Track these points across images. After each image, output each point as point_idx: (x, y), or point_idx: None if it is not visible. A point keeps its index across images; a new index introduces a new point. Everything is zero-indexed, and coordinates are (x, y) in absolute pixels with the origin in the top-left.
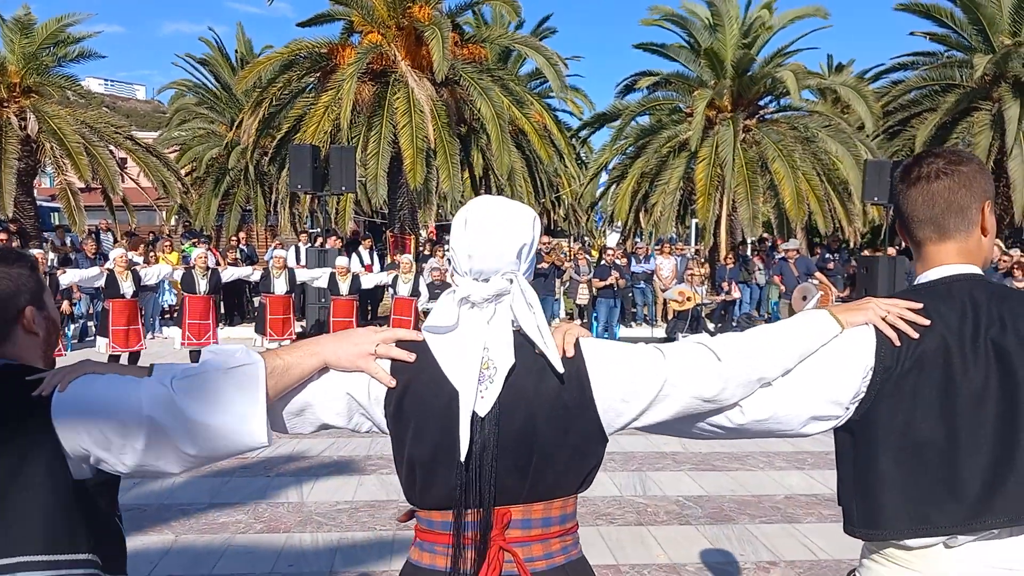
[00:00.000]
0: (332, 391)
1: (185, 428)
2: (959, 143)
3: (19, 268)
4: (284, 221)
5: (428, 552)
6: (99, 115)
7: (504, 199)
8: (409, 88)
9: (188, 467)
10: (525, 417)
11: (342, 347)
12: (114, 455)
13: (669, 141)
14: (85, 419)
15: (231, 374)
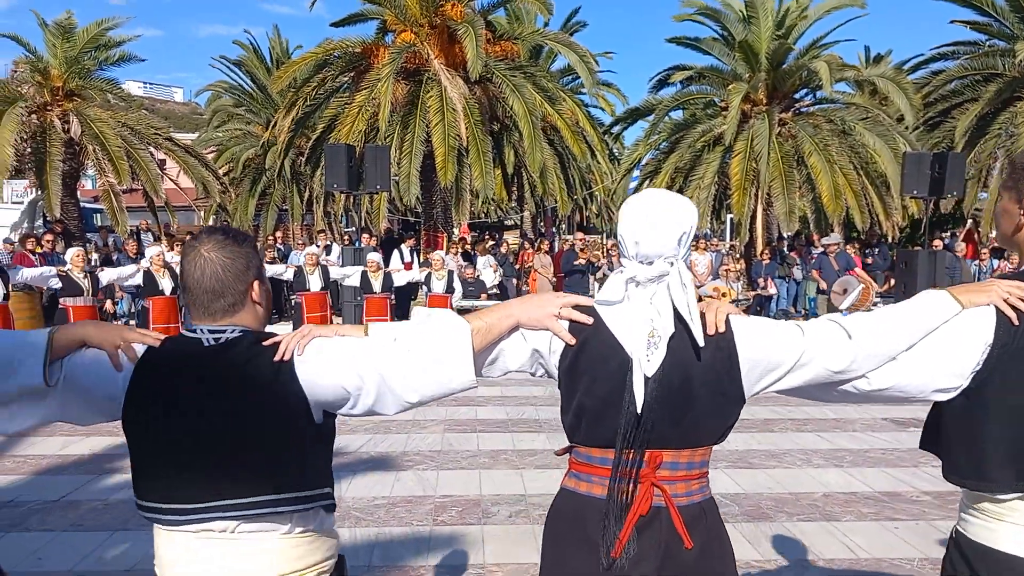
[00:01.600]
0: (520, 344)
1: (408, 379)
2: (1001, 134)
3: (247, 247)
4: (319, 220)
5: (585, 482)
6: (139, 117)
7: (667, 192)
8: (442, 86)
9: (404, 409)
10: (683, 379)
11: (531, 310)
12: (348, 404)
13: (703, 136)
14: (324, 377)
15: (446, 335)
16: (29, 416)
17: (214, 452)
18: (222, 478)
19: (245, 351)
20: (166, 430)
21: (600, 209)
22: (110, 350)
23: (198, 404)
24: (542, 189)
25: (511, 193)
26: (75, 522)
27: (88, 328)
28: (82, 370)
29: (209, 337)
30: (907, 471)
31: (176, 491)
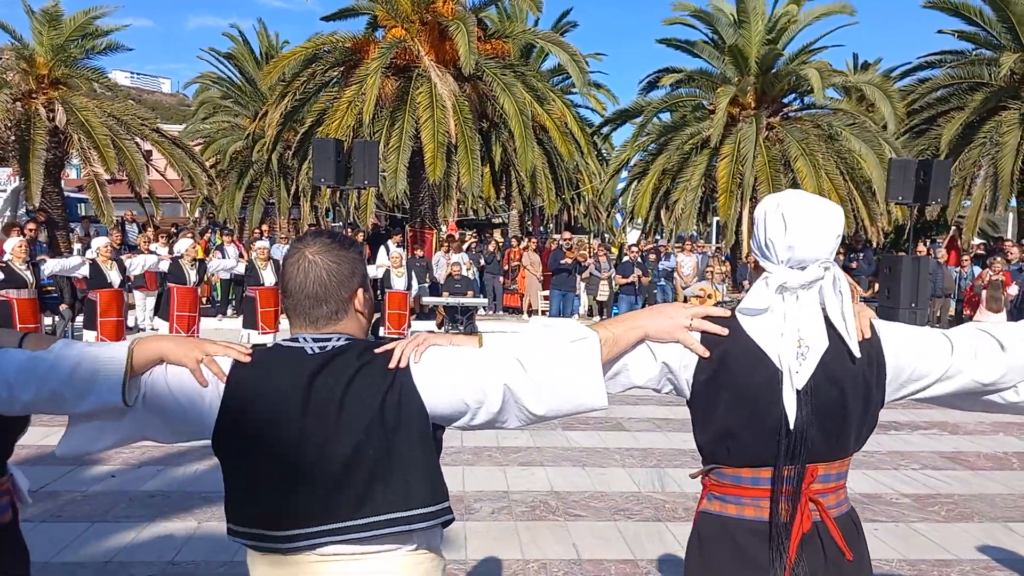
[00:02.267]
0: (647, 359)
1: (536, 392)
2: (986, 143)
3: (353, 252)
4: (305, 214)
5: (733, 504)
6: (126, 107)
7: (812, 195)
8: (432, 83)
9: (528, 423)
10: (836, 391)
11: (660, 321)
12: (469, 415)
13: (692, 138)
14: (444, 386)
15: (575, 346)
16: (111, 434)
17: (329, 472)
18: (340, 497)
19: (356, 359)
20: (270, 449)
21: (588, 209)
22: (191, 366)
23: (306, 419)
24: (530, 188)
25: (499, 191)
26: (54, 513)
27: (165, 343)
28: (164, 388)
29: (313, 346)
30: (887, 474)
31: (285, 515)
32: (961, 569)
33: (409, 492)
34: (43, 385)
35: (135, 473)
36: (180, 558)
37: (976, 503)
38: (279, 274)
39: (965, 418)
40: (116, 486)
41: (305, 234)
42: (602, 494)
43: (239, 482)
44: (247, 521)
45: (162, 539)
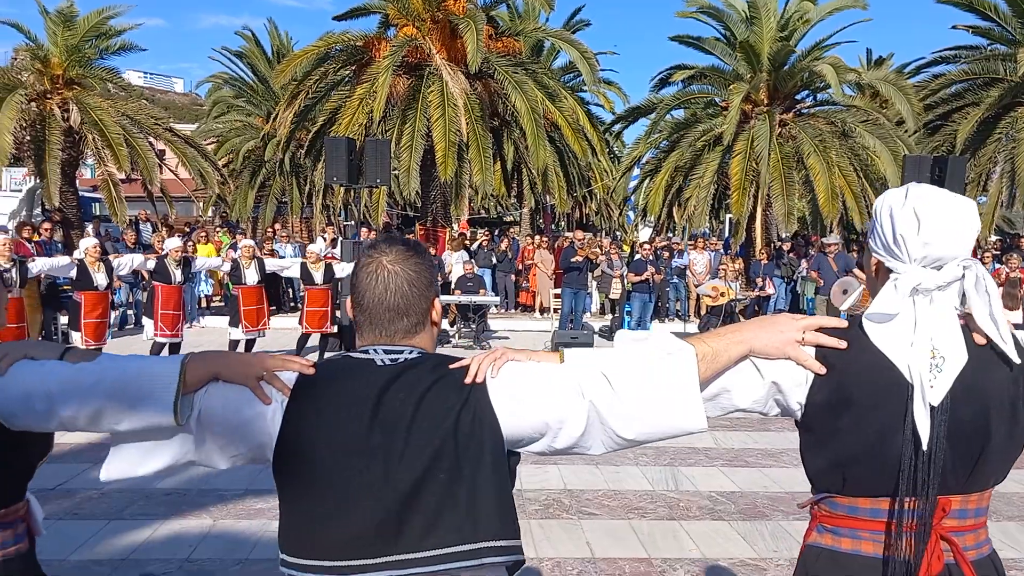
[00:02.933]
0: (753, 378)
1: (625, 413)
2: (1002, 139)
3: (428, 259)
4: (318, 213)
5: (848, 538)
6: (139, 107)
7: (941, 189)
8: (443, 81)
9: (615, 449)
10: (976, 408)
11: (768, 335)
12: (548, 437)
13: (704, 135)
14: (523, 404)
15: (668, 361)
16: (158, 457)
17: (395, 494)
18: (406, 526)
19: (429, 373)
20: (334, 471)
21: (599, 207)
22: (250, 384)
23: (373, 436)
24: (542, 186)
25: (510, 189)
26: (70, 511)
27: (221, 359)
28: (220, 407)
29: (384, 358)
30: None
31: (346, 544)
32: None
33: (478, 522)
34: (87, 400)
35: None
36: (196, 556)
37: (994, 502)
38: (350, 284)
39: None
40: (132, 484)
41: (376, 241)
42: (616, 493)
43: (299, 508)
44: (305, 551)
45: (178, 537)
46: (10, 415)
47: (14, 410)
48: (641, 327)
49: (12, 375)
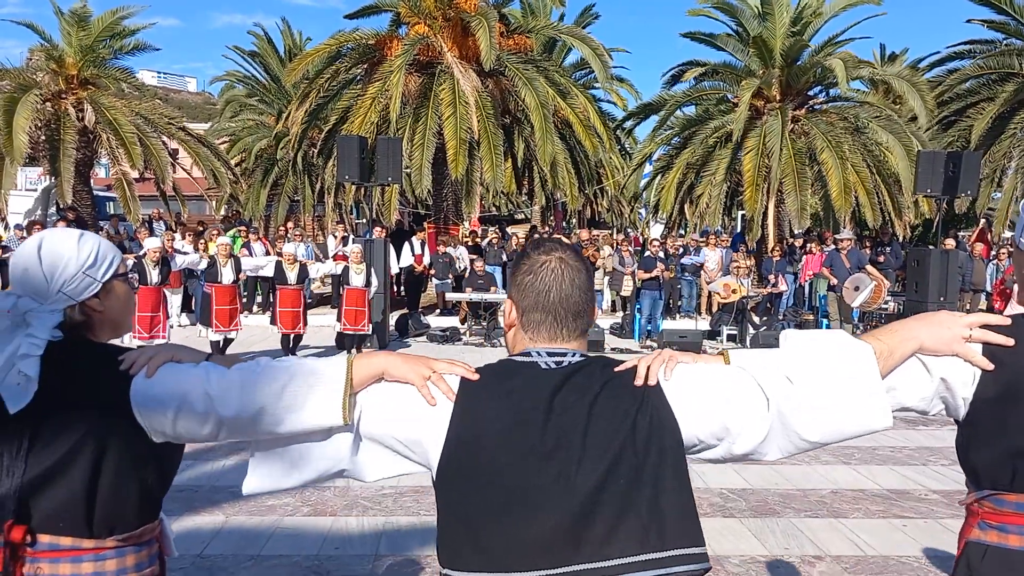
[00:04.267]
0: (921, 375)
1: (810, 416)
2: (1016, 134)
3: (585, 259)
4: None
5: (1016, 535)
6: (153, 106)
7: None
8: (455, 79)
9: (792, 453)
10: None
11: (936, 332)
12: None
13: (716, 131)
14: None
15: (849, 360)
16: (309, 466)
17: (574, 500)
18: (586, 534)
19: (598, 376)
20: (505, 478)
21: (611, 204)
22: (418, 383)
23: (546, 442)
24: (552, 183)
25: (521, 187)
26: None
27: (389, 358)
28: (383, 408)
29: (548, 360)
30: (916, 469)
31: (520, 556)
32: None
33: (664, 530)
34: (249, 400)
35: None
36: (208, 552)
37: None
38: (516, 284)
39: None
40: None
41: (540, 240)
42: None
43: (464, 518)
44: (478, 563)
45: (190, 533)
46: (158, 421)
47: (165, 413)
48: (652, 324)
49: (163, 377)
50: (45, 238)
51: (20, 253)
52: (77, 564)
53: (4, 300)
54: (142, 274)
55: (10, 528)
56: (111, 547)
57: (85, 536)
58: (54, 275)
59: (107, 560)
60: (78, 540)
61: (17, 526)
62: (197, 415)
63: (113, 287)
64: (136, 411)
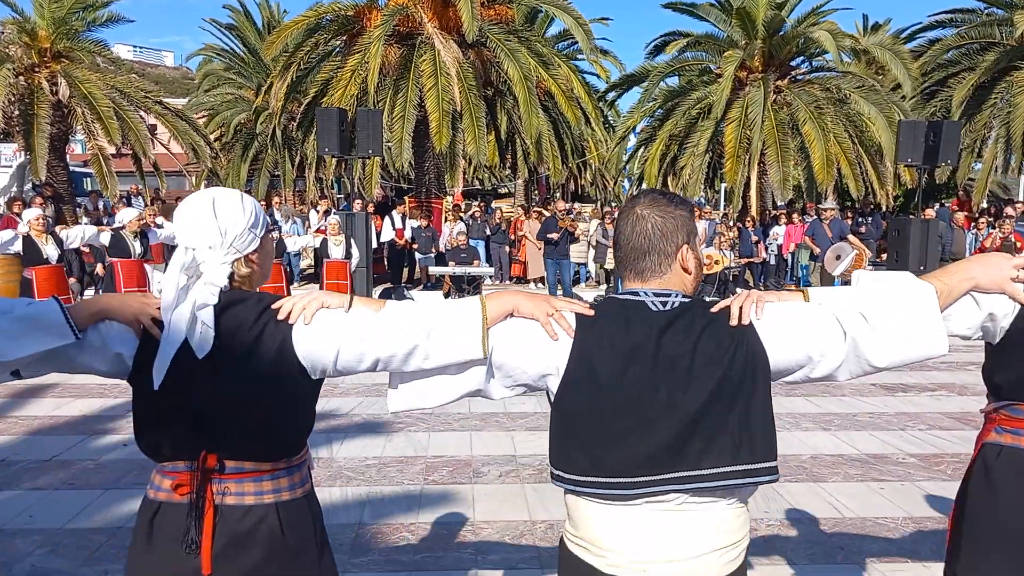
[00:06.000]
0: (971, 307)
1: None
2: (997, 103)
3: (682, 210)
4: (310, 185)
5: None
6: (129, 80)
7: None
8: (436, 50)
9: (859, 375)
10: None
11: (990, 272)
12: (807, 368)
13: (699, 103)
14: (788, 340)
15: (913, 296)
16: (448, 389)
17: (680, 422)
18: (688, 446)
19: (700, 317)
20: (620, 399)
21: (594, 177)
22: (542, 320)
23: (656, 372)
24: (536, 156)
25: (504, 160)
26: (66, 481)
27: (518, 297)
28: (512, 341)
29: (655, 300)
30: (894, 434)
31: (632, 463)
32: None
33: (754, 446)
34: (401, 339)
35: None
36: None
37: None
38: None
39: (972, 379)
40: (128, 455)
41: (639, 192)
42: None
43: (579, 433)
44: (584, 469)
45: None
46: (320, 362)
47: (327, 355)
48: None
49: (320, 323)
50: (217, 197)
51: (193, 210)
52: (258, 483)
53: (182, 255)
54: (122, 247)
55: (205, 457)
56: (282, 467)
57: (263, 460)
58: (227, 230)
59: (280, 479)
60: (258, 464)
61: (211, 454)
62: (356, 355)
63: (264, 242)
64: (299, 354)
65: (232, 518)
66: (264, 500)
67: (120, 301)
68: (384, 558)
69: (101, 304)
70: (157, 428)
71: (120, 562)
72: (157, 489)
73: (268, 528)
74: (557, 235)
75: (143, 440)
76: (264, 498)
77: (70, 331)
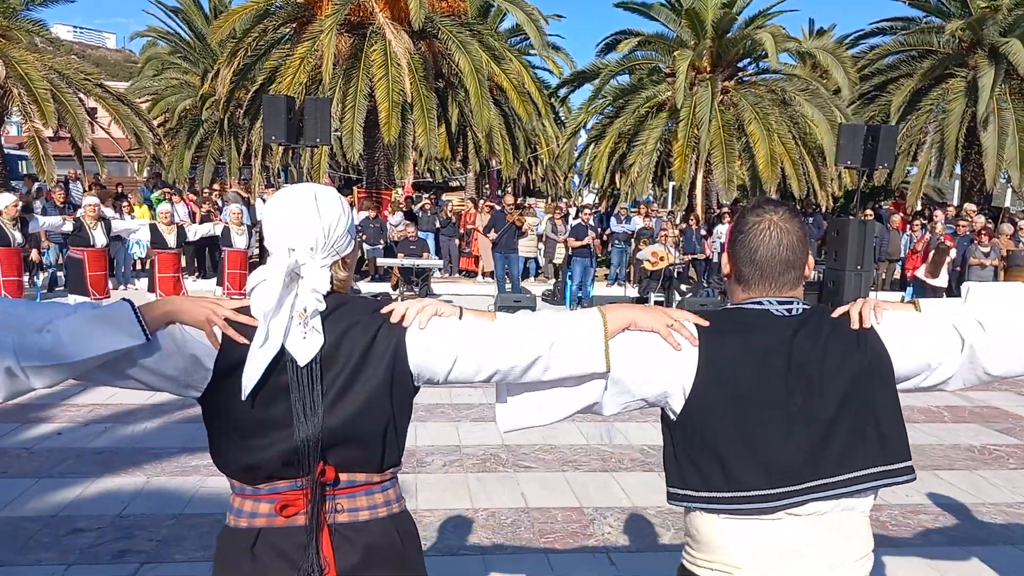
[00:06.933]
0: None
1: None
2: (933, 110)
3: (801, 220)
4: (256, 174)
5: None
6: (68, 62)
7: None
8: (386, 40)
9: (973, 384)
10: None
11: None
12: (922, 375)
13: (648, 101)
14: (910, 346)
15: None
16: (567, 403)
17: (816, 430)
18: (826, 453)
19: (825, 323)
20: (756, 409)
21: (545, 173)
22: (663, 332)
23: (790, 378)
24: (487, 149)
25: (455, 152)
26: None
27: (634, 311)
28: (633, 352)
29: (780, 308)
30: None
31: (771, 474)
32: (891, 513)
33: (886, 447)
34: (521, 351)
35: (82, 431)
36: (128, 511)
37: None
38: (732, 241)
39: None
40: (62, 443)
41: (759, 201)
42: (552, 447)
43: (712, 447)
44: (717, 485)
45: (110, 494)
46: (432, 370)
47: (441, 363)
48: (582, 291)
49: (436, 329)
50: (318, 193)
51: (296, 207)
52: (370, 496)
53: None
54: (85, 234)
55: (322, 471)
56: (389, 478)
57: (375, 471)
58: (331, 230)
59: (388, 490)
60: (369, 475)
61: (328, 467)
62: (475, 365)
63: (355, 243)
64: (411, 360)
65: (349, 536)
66: (379, 514)
67: (191, 303)
68: None
69: (171, 306)
70: (254, 445)
71: (53, 550)
72: (251, 516)
73: (390, 543)
74: (495, 234)
75: (233, 461)
76: (378, 512)
77: (140, 331)
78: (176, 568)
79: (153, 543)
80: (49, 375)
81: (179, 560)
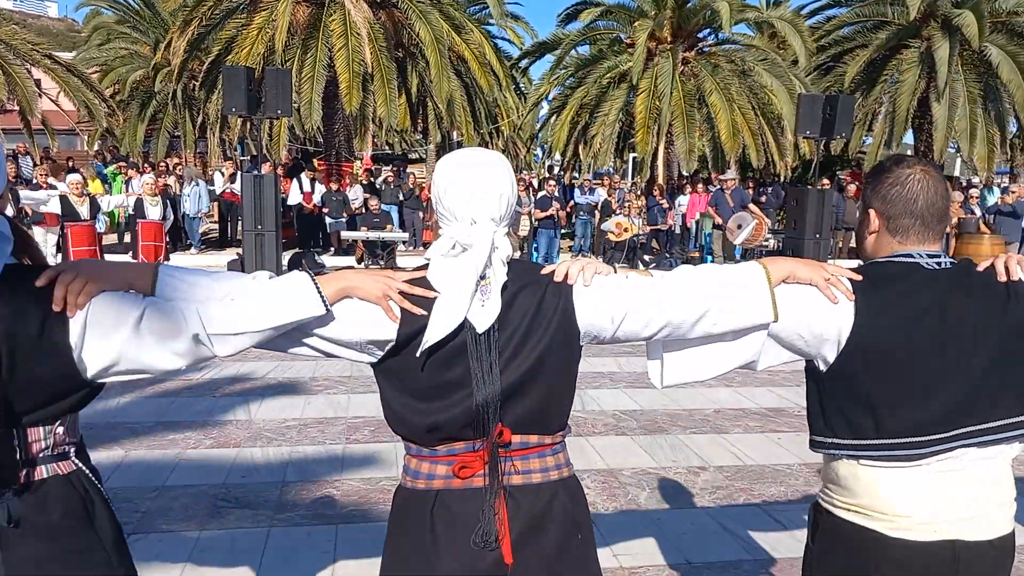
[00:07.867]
0: None
1: None
2: (887, 80)
3: None
4: (213, 147)
5: None
6: (12, 31)
7: None
8: (346, 10)
9: None
10: None
11: None
12: None
13: (609, 72)
14: None
15: None
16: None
17: (968, 380)
18: (977, 402)
19: (972, 274)
20: (918, 361)
21: (507, 145)
22: (821, 284)
23: (945, 332)
24: (448, 121)
25: (416, 124)
26: None
27: (794, 264)
28: (792, 306)
29: (929, 262)
30: (791, 390)
31: (923, 422)
32: None
33: None
34: (693, 304)
35: None
36: (111, 485)
37: None
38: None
39: None
40: None
41: (900, 156)
42: None
43: (866, 394)
44: (867, 433)
45: None
46: (600, 326)
47: (612, 318)
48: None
49: (601, 287)
50: (501, 160)
51: (483, 173)
52: (542, 459)
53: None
54: (72, 211)
55: (500, 432)
56: (559, 440)
57: (546, 433)
58: (511, 201)
59: (559, 453)
60: (542, 437)
61: (505, 428)
62: (645, 319)
63: None
64: (579, 319)
65: (524, 499)
66: (550, 477)
67: (366, 277)
68: (312, 512)
69: (346, 281)
70: (434, 407)
71: None
72: (429, 478)
73: (561, 506)
74: None
75: (412, 423)
76: (550, 475)
77: (321, 302)
78: (163, 537)
79: (138, 514)
80: (233, 343)
81: (164, 530)
